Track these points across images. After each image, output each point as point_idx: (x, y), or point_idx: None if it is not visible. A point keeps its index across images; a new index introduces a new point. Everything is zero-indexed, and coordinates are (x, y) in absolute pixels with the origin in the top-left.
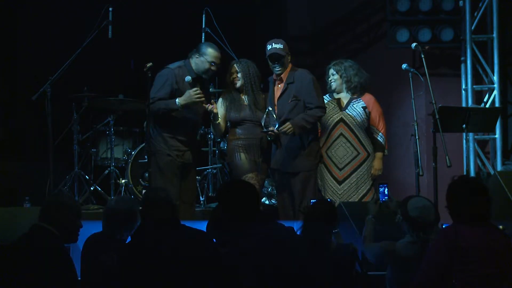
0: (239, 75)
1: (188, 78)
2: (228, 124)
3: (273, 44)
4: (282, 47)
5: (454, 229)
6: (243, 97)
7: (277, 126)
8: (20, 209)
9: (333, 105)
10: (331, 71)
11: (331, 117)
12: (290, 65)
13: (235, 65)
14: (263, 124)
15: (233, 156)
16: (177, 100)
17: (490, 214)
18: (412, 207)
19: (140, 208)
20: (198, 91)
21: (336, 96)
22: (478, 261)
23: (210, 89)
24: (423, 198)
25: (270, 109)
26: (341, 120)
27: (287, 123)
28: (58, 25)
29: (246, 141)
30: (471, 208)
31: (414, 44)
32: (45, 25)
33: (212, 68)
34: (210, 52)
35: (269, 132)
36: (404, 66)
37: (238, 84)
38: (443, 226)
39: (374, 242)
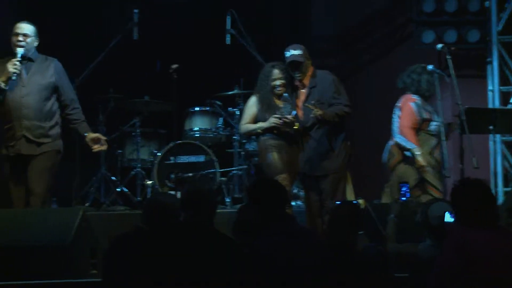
0: (283, 81)
1: (19, 50)
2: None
3: (291, 50)
4: (301, 53)
5: (463, 233)
6: (277, 99)
7: (294, 113)
8: (47, 210)
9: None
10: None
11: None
12: (311, 69)
13: (278, 71)
14: (279, 113)
15: (266, 156)
16: None
17: (497, 216)
18: (433, 216)
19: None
20: (14, 62)
21: None
22: (488, 265)
23: (235, 90)
24: (445, 204)
25: (287, 95)
26: None
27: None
28: (84, 27)
29: (279, 141)
30: (477, 212)
31: (440, 45)
32: (71, 27)
33: (15, 38)
34: (13, 29)
35: (284, 119)
36: (430, 67)
37: (282, 91)
38: None
39: (396, 243)
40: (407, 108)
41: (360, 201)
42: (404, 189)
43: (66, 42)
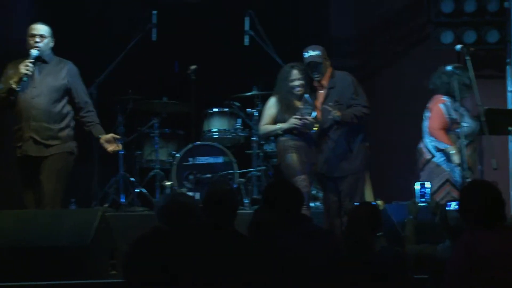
0: (302, 82)
1: (33, 52)
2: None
3: (310, 51)
4: (319, 53)
5: (472, 236)
6: (296, 100)
7: (314, 115)
8: (66, 211)
9: None
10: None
11: None
12: (329, 70)
13: (297, 71)
14: (299, 114)
15: (284, 157)
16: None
17: (505, 217)
18: (451, 216)
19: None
20: (26, 63)
21: None
22: (499, 267)
23: (254, 91)
24: None
25: (307, 96)
26: None
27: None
28: (102, 28)
29: (298, 142)
30: (485, 213)
31: (458, 46)
32: (90, 27)
33: (31, 39)
34: (28, 31)
35: (303, 120)
36: (448, 67)
37: (301, 92)
38: None
39: (415, 244)
40: (436, 109)
41: (379, 202)
42: (423, 190)
43: (84, 43)
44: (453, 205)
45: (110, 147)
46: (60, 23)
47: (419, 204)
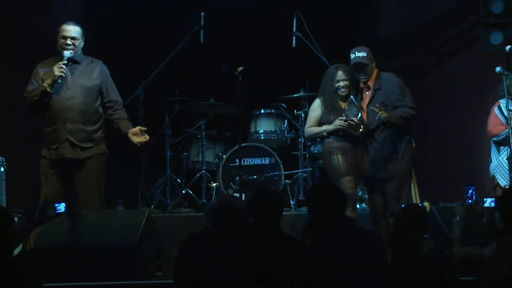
0: (346, 82)
1: (66, 53)
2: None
3: (356, 52)
4: (365, 55)
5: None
6: (341, 101)
7: (360, 116)
8: (113, 212)
9: None
10: None
11: None
12: (375, 71)
13: (342, 72)
14: (343, 115)
15: (330, 159)
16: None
17: None
18: (499, 218)
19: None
20: (60, 65)
21: None
22: None
23: (301, 93)
24: None
25: (352, 98)
26: None
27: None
28: (150, 30)
29: (344, 143)
30: None
31: (508, 47)
32: (137, 30)
33: (63, 41)
34: (59, 30)
35: (350, 121)
36: (497, 69)
37: (346, 93)
38: None
39: (462, 246)
40: (492, 112)
41: (426, 204)
42: (470, 191)
43: (132, 45)
44: (489, 202)
45: (137, 139)
46: (108, 25)
47: (467, 206)
